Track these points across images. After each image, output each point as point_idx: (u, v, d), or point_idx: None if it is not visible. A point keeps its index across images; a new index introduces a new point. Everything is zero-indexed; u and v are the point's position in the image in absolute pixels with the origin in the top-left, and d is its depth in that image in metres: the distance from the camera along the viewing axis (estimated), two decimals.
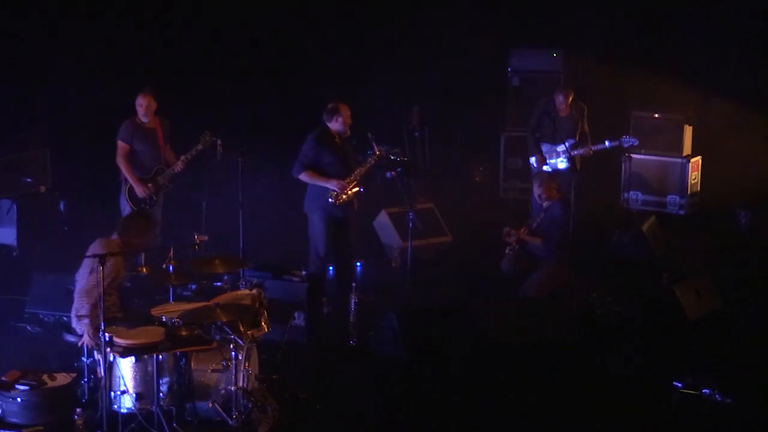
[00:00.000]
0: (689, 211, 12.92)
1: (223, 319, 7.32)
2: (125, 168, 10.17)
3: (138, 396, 7.32)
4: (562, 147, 11.36)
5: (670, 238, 11.94)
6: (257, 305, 7.74)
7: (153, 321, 7.63)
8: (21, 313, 9.59)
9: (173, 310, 7.65)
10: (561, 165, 11.54)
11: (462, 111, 14.07)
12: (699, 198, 13.12)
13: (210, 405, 7.41)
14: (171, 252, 8.01)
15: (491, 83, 13.96)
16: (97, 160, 11.22)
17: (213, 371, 7.50)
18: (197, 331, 7.53)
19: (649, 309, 9.72)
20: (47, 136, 11.59)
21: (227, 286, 8.70)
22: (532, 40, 13.83)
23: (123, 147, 10.18)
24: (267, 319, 7.77)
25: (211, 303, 7.57)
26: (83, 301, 7.65)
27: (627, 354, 9.02)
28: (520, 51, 13.74)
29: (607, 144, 11.45)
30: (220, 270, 8.20)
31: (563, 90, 11.70)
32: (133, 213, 9.74)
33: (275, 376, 8.06)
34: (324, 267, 9.78)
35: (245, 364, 7.42)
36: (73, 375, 7.69)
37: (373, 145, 9.68)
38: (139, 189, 10.13)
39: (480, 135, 14.01)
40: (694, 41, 13.62)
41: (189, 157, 10.13)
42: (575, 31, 13.75)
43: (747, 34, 13.52)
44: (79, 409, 7.39)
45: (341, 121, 9.55)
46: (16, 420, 7.42)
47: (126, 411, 7.32)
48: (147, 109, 10.16)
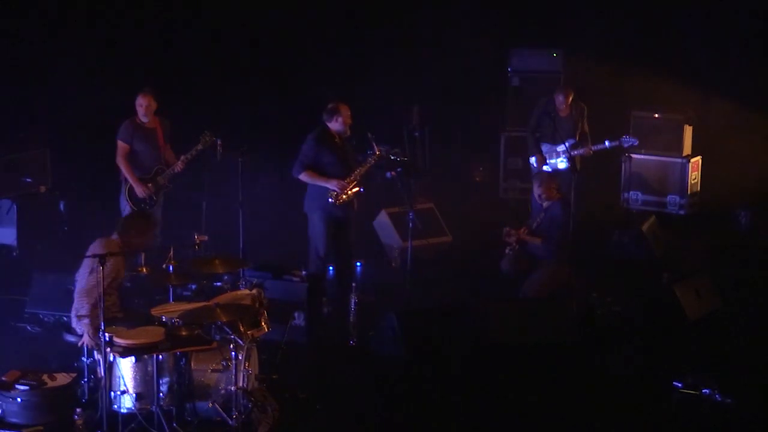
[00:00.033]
0: (689, 211, 12.92)
1: (223, 319, 7.32)
2: (125, 168, 10.17)
3: (138, 396, 7.32)
4: (562, 147, 11.36)
5: (670, 238, 11.94)
6: (257, 305, 7.74)
7: (153, 321, 7.62)
8: (21, 313, 9.58)
9: (173, 310, 7.64)
10: (561, 165, 11.54)
11: (462, 111, 14.07)
12: (699, 198, 13.11)
13: (210, 405, 7.41)
14: (171, 252, 8.01)
15: (491, 83, 13.95)
16: (97, 160, 11.22)
17: (213, 371, 7.50)
18: (197, 331, 7.53)
19: (649, 309, 9.72)
20: (47, 136, 11.59)
21: (227, 286, 8.70)
22: (532, 40, 13.83)
23: (123, 147, 10.17)
24: (267, 319, 7.76)
25: (211, 303, 7.57)
26: (83, 301, 7.65)
27: (627, 354, 9.01)
28: (520, 51, 13.74)
29: (607, 144, 11.45)
30: (220, 270, 8.20)
31: (563, 90, 11.70)
32: (133, 213, 9.75)
33: (275, 376, 8.06)
34: (324, 267, 9.78)
35: (245, 364, 7.41)
36: (73, 375, 7.69)
37: (373, 145, 9.68)
38: (139, 189, 10.12)
39: (480, 135, 14.01)
40: (694, 41, 13.61)
41: (189, 157, 10.13)
42: (575, 31, 13.74)
43: (747, 34, 13.52)
44: (79, 409, 7.39)
45: (341, 121, 9.54)
46: (16, 420, 7.41)
47: (126, 411, 7.32)
48: (147, 109, 10.16)
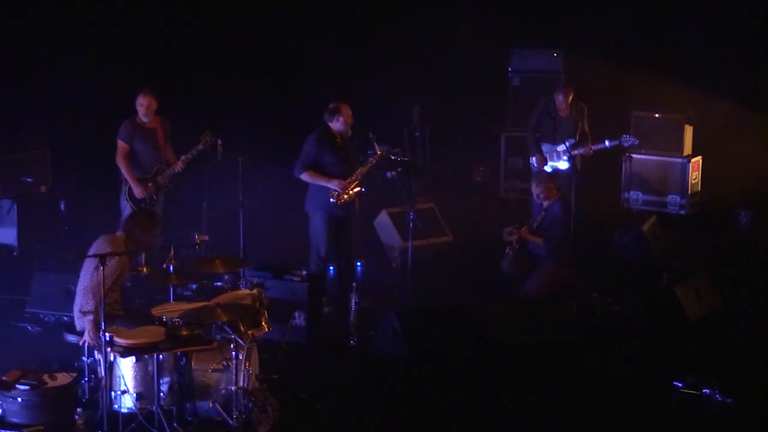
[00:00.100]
0: (690, 211, 12.92)
1: (224, 319, 7.32)
2: (124, 168, 10.16)
3: (138, 396, 7.32)
4: (562, 147, 11.36)
5: (670, 238, 11.93)
6: (258, 305, 7.74)
7: (153, 321, 7.62)
8: (21, 313, 9.59)
9: (174, 309, 7.63)
10: (561, 165, 11.54)
11: (462, 111, 14.07)
12: (699, 198, 13.11)
13: (210, 405, 7.41)
14: (171, 252, 8.00)
15: (492, 83, 13.96)
16: (98, 160, 11.21)
17: (213, 371, 7.50)
18: (198, 331, 7.53)
19: (650, 309, 9.71)
20: (48, 136, 11.58)
21: (228, 285, 8.70)
22: (532, 39, 13.83)
23: (123, 147, 10.17)
24: (267, 319, 7.76)
25: (212, 303, 7.57)
26: (89, 297, 7.64)
27: (627, 354, 9.01)
28: (520, 51, 13.74)
29: (608, 143, 11.45)
30: (220, 270, 8.20)
31: (563, 90, 11.70)
32: (138, 211, 9.73)
33: (276, 375, 8.06)
34: (325, 267, 9.78)
35: (246, 363, 7.41)
36: (74, 375, 7.68)
37: (375, 145, 9.68)
38: (138, 190, 10.11)
39: (480, 135, 14.01)
40: (694, 41, 13.62)
41: (189, 157, 10.13)
42: (576, 31, 13.74)
43: (747, 34, 13.51)
44: (80, 409, 7.40)
45: (342, 121, 9.54)
46: (16, 420, 7.40)
47: (126, 411, 7.32)
48: (147, 109, 10.16)
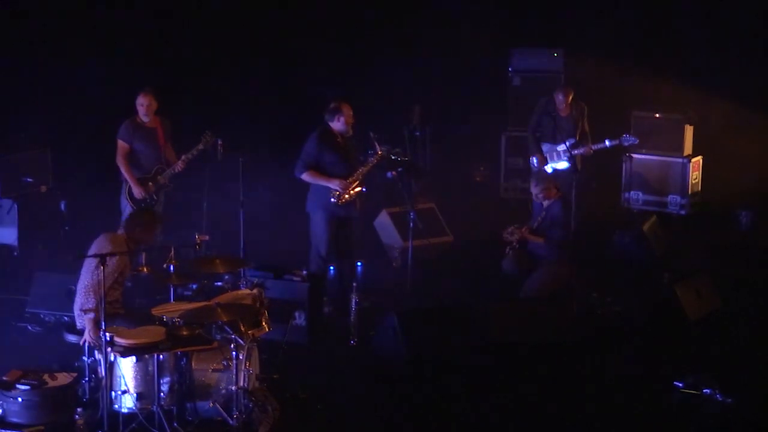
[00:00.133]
0: (690, 211, 12.91)
1: (224, 319, 7.32)
2: (124, 168, 10.16)
3: (139, 396, 7.32)
4: (562, 146, 11.36)
5: (670, 238, 11.94)
6: (258, 305, 7.74)
7: (154, 320, 7.62)
8: (22, 313, 9.59)
9: (174, 309, 7.63)
10: (562, 165, 11.54)
11: (463, 111, 14.08)
12: (700, 198, 13.11)
13: (211, 405, 7.42)
14: (172, 252, 8.02)
15: (492, 83, 13.96)
16: (98, 159, 11.22)
17: (214, 371, 7.50)
18: (198, 331, 7.53)
19: (650, 309, 9.72)
20: (48, 136, 11.58)
21: (228, 285, 8.71)
22: (532, 39, 13.83)
23: (123, 147, 10.17)
24: (268, 319, 7.76)
25: (212, 303, 7.57)
26: (89, 296, 7.65)
27: (627, 354, 9.01)
28: (520, 51, 13.74)
29: (608, 143, 11.44)
30: (220, 270, 8.21)
31: (563, 89, 11.70)
32: (139, 209, 9.73)
33: (276, 375, 8.06)
34: (325, 267, 9.79)
35: (246, 363, 7.41)
36: (74, 375, 7.68)
37: (376, 145, 9.69)
38: (137, 190, 10.11)
39: (481, 135, 14.01)
40: (694, 41, 13.61)
41: (190, 157, 10.13)
42: (576, 31, 13.75)
43: (747, 34, 13.51)
44: (80, 409, 7.40)
45: (343, 121, 9.55)
46: (17, 420, 7.40)
47: (127, 411, 7.32)
48: (148, 109, 10.16)
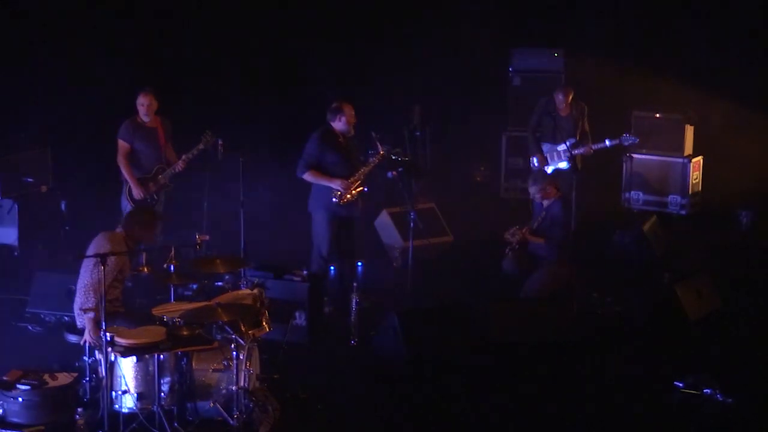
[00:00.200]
0: (690, 211, 12.92)
1: (225, 319, 7.32)
2: (125, 168, 10.15)
3: (139, 396, 7.32)
4: (562, 146, 11.36)
5: (671, 238, 11.93)
6: (258, 305, 7.74)
7: (154, 320, 7.62)
8: (22, 313, 9.59)
9: (174, 309, 7.64)
10: (562, 165, 11.54)
11: (463, 111, 14.08)
12: (700, 198, 13.11)
13: (211, 405, 7.42)
14: (172, 252, 8.01)
15: (492, 83, 13.96)
16: (99, 159, 11.22)
17: (214, 371, 7.50)
18: (198, 331, 7.53)
19: (650, 309, 9.72)
20: (48, 136, 11.58)
21: (228, 285, 8.71)
22: (533, 39, 13.84)
23: (123, 146, 10.17)
24: (268, 319, 7.77)
25: (213, 303, 7.57)
26: (89, 295, 7.65)
27: (627, 354, 9.01)
28: (520, 51, 13.75)
29: (608, 143, 11.44)
30: (221, 270, 8.21)
31: (563, 89, 11.70)
32: (138, 208, 9.71)
33: (276, 375, 8.06)
34: (326, 267, 9.80)
35: (246, 363, 7.41)
36: (75, 375, 7.68)
37: (377, 145, 9.69)
38: (137, 190, 10.10)
39: (481, 135, 14.01)
40: (694, 41, 13.61)
41: (190, 157, 10.13)
42: (576, 31, 13.75)
43: (747, 34, 13.51)
44: (81, 409, 7.41)
45: (345, 121, 9.55)
46: (17, 420, 7.40)
47: (127, 411, 7.32)
48: (148, 109, 10.16)
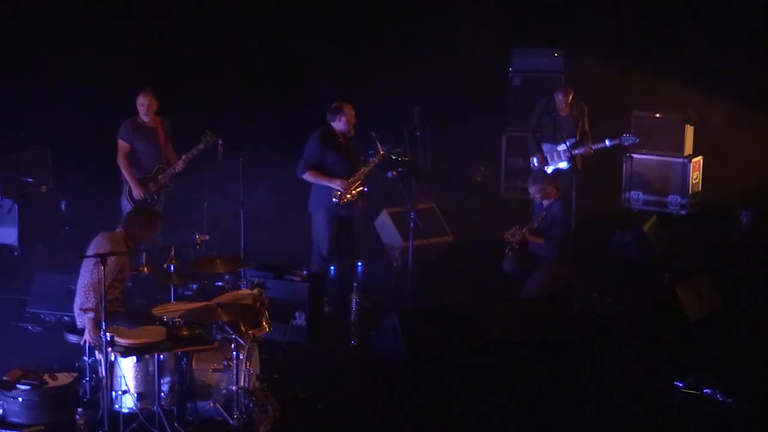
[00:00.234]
0: (690, 211, 12.92)
1: (225, 319, 7.32)
2: (125, 168, 10.15)
3: (139, 396, 7.32)
4: (562, 146, 11.36)
5: (671, 238, 11.93)
6: (258, 305, 7.74)
7: (154, 320, 7.62)
8: (22, 313, 9.59)
9: (174, 309, 7.64)
10: (562, 165, 11.54)
11: (463, 111, 14.08)
12: (700, 198, 13.11)
13: (211, 405, 7.42)
14: (172, 252, 8.01)
15: (492, 83, 13.96)
16: (99, 159, 11.22)
17: (214, 371, 7.50)
18: (198, 331, 7.53)
19: (650, 309, 9.72)
20: (48, 136, 11.58)
21: (228, 285, 8.71)
22: (533, 39, 13.83)
23: (123, 146, 10.17)
24: (268, 319, 7.77)
25: (213, 303, 7.57)
26: (89, 295, 7.65)
27: (627, 354, 9.01)
28: (521, 51, 13.75)
29: (608, 143, 11.43)
30: (221, 270, 8.21)
31: (563, 89, 11.70)
32: (138, 208, 9.71)
33: (276, 375, 8.06)
34: (326, 267, 9.80)
35: (246, 363, 7.41)
36: (75, 375, 7.68)
37: (377, 145, 9.69)
38: (136, 191, 10.10)
39: (481, 135, 14.01)
40: (694, 41, 13.61)
41: (190, 156, 10.13)
42: (576, 31, 13.74)
43: (747, 34, 13.51)
44: (81, 409, 7.41)
45: (344, 121, 9.55)
46: (17, 420, 7.40)
47: (127, 411, 7.32)
48: (148, 109, 10.16)
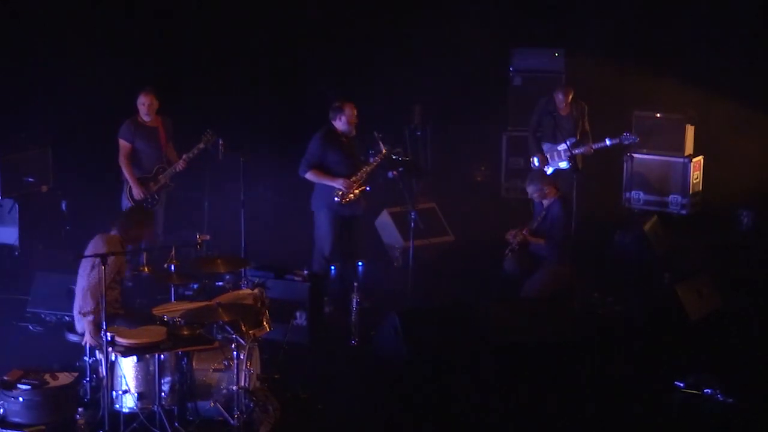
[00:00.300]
0: (691, 211, 12.91)
1: (225, 319, 7.32)
2: (126, 168, 10.16)
3: (140, 395, 7.32)
4: (563, 146, 11.35)
5: (671, 237, 11.92)
6: (259, 305, 7.74)
7: (155, 320, 7.62)
8: (23, 313, 9.60)
9: (175, 309, 7.64)
10: (562, 165, 11.54)
11: (464, 110, 14.06)
12: (701, 198, 13.10)
13: (212, 404, 7.42)
14: (173, 251, 8.01)
15: (493, 83, 13.95)
16: (99, 159, 11.22)
17: (215, 371, 7.50)
18: (199, 331, 7.53)
19: (651, 309, 9.72)
20: (49, 135, 11.58)
21: (229, 285, 8.72)
22: (533, 39, 13.83)
23: (125, 146, 10.17)
24: (269, 319, 7.77)
25: (213, 302, 7.57)
26: (87, 298, 7.66)
27: (628, 354, 9.01)
28: (521, 50, 13.74)
29: (608, 142, 11.42)
30: (221, 269, 8.22)
31: (563, 89, 11.70)
32: (131, 208, 9.69)
33: (277, 375, 8.06)
34: (328, 266, 9.80)
35: (247, 363, 7.41)
36: (75, 374, 7.68)
37: (380, 144, 9.69)
38: (137, 191, 10.11)
39: (481, 135, 14.00)
40: (694, 41, 13.60)
41: (191, 156, 10.14)
42: (577, 31, 13.73)
43: (747, 34, 13.50)
44: (81, 409, 7.42)
45: (344, 121, 9.56)
46: (18, 419, 7.40)
47: (128, 410, 7.32)
48: (149, 108, 10.16)
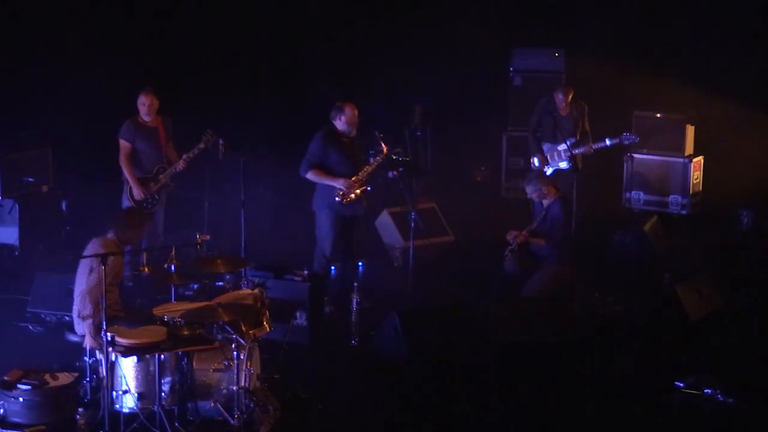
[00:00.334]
0: (691, 211, 12.91)
1: (225, 319, 7.32)
2: (126, 168, 10.15)
3: (140, 395, 7.32)
4: (563, 146, 11.36)
5: (672, 238, 11.93)
6: (259, 305, 7.74)
7: (155, 320, 7.62)
8: (23, 313, 9.59)
9: (175, 309, 7.64)
10: (562, 165, 11.54)
11: (464, 110, 14.06)
12: (701, 198, 13.11)
13: (212, 404, 7.42)
14: (173, 251, 8.01)
15: (493, 83, 13.95)
16: (99, 159, 11.22)
17: (215, 371, 7.50)
18: (199, 331, 7.53)
19: (651, 309, 9.72)
20: (49, 135, 11.58)
21: (229, 285, 8.72)
22: (533, 39, 13.83)
23: (125, 146, 10.17)
24: (269, 319, 7.77)
25: (213, 302, 7.57)
26: (86, 301, 7.66)
27: (628, 354, 9.01)
28: (521, 50, 13.75)
29: (608, 142, 11.42)
30: (222, 269, 8.22)
31: (563, 89, 11.70)
32: (125, 210, 9.68)
33: (277, 375, 8.06)
34: (328, 266, 9.80)
35: (247, 363, 7.41)
36: (75, 374, 7.68)
37: (381, 144, 9.69)
38: (137, 191, 10.11)
39: (481, 135, 14.00)
40: (694, 41, 13.60)
41: (191, 156, 10.14)
42: (577, 31, 13.73)
43: (747, 34, 13.50)
44: (81, 409, 7.41)
45: (344, 121, 9.57)
46: (18, 420, 7.40)
47: (128, 410, 7.32)
48: (149, 108, 10.16)
